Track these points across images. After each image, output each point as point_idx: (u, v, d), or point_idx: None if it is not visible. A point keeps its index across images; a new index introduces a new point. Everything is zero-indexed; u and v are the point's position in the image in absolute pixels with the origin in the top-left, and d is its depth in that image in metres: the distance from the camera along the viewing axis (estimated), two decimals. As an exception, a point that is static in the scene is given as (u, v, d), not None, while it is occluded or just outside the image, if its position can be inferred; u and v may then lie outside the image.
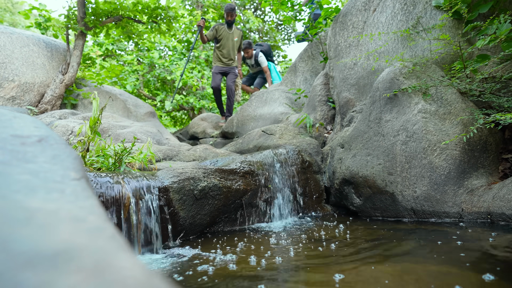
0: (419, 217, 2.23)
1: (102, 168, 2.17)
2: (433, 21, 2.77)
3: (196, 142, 6.12)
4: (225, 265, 1.42)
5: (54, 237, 0.34)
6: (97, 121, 2.15)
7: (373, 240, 1.75)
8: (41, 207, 0.41)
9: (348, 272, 1.23)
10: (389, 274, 1.17)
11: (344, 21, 3.66)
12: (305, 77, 5.35)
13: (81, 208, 0.44)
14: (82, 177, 0.57)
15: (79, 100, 5.22)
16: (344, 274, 1.20)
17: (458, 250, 1.45)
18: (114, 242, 0.38)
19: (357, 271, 1.25)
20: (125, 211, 1.71)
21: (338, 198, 2.87)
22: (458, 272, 1.16)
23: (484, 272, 1.13)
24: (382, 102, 2.56)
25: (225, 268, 1.38)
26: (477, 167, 2.21)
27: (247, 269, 1.35)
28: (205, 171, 2.22)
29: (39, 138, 0.64)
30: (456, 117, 2.28)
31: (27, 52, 4.64)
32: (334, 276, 1.19)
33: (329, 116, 3.93)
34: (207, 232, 2.22)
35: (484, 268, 1.19)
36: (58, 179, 0.51)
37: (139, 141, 3.47)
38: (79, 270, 0.30)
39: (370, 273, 1.21)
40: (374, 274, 1.20)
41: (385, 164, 2.40)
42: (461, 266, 1.22)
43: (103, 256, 0.34)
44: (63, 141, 0.69)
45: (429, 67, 2.54)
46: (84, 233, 0.37)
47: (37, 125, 0.72)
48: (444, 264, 1.26)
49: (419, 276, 1.14)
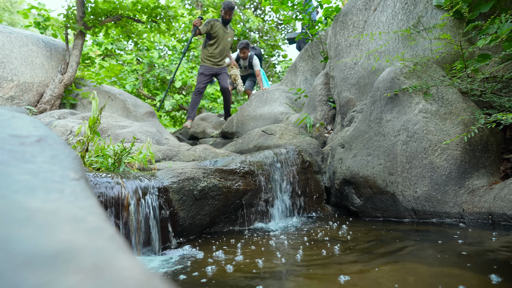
0: (420, 218, 2.23)
1: (102, 168, 2.17)
2: (434, 20, 2.77)
3: (196, 142, 6.12)
4: (224, 266, 1.42)
5: (54, 238, 0.35)
6: (96, 121, 2.15)
7: (374, 241, 1.75)
8: (40, 207, 0.41)
9: (351, 274, 1.23)
10: (392, 276, 1.17)
11: (344, 20, 3.66)
12: (306, 77, 5.35)
13: (80, 208, 0.44)
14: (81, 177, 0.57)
15: (78, 100, 5.22)
16: (347, 276, 1.20)
17: (460, 250, 1.45)
18: (113, 243, 0.38)
19: (359, 272, 1.25)
20: (124, 211, 1.71)
21: (338, 199, 2.87)
22: (461, 273, 1.16)
23: (487, 273, 1.13)
24: (383, 102, 2.56)
25: (224, 269, 1.38)
26: (478, 167, 2.21)
27: (247, 270, 1.35)
28: (205, 171, 2.22)
29: (38, 138, 0.64)
30: (457, 117, 2.28)
31: (26, 52, 4.64)
32: (339, 278, 1.19)
33: (329, 116, 3.93)
34: (207, 232, 2.22)
35: (487, 269, 1.19)
36: (57, 179, 0.51)
37: (139, 141, 3.47)
38: (79, 271, 0.30)
39: (373, 275, 1.21)
40: (377, 275, 1.20)
41: (385, 164, 2.40)
42: (463, 267, 1.23)
43: (103, 256, 0.34)
44: (62, 141, 0.69)
45: (430, 67, 2.54)
46: (84, 233, 0.37)
47: (36, 125, 0.72)
48: (447, 265, 1.26)
49: (421, 277, 1.14)
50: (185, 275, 1.32)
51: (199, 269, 1.38)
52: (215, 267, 1.41)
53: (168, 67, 9.05)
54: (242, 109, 5.48)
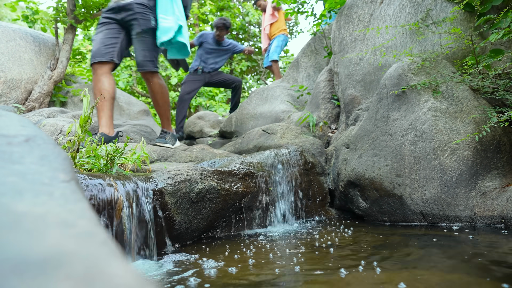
0: (429, 222, 2.23)
1: (93, 170, 2.17)
2: (443, 13, 2.77)
3: (193, 142, 6.13)
4: (222, 273, 1.42)
5: (42, 243, 0.34)
6: (88, 119, 2.15)
7: (381, 247, 1.75)
8: (28, 211, 0.41)
9: (356, 283, 1.23)
10: (400, 284, 1.17)
11: (349, 13, 3.66)
12: (308, 73, 5.35)
13: (70, 212, 0.44)
14: (72, 179, 0.57)
15: (69, 98, 5.22)
16: (352, 285, 1.20)
17: (472, 257, 1.45)
18: (105, 248, 0.38)
19: (365, 280, 1.25)
20: (117, 215, 1.71)
21: (343, 202, 2.87)
22: (472, 281, 1.16)
23: (501, 281, 1.13)
24: (390, 100, 2.56)
25: (222, 276, 1.38)
26: (490, 168, 2.21)
27: (246, 278, 1.35)
28: (202, 173, 2.22)
29: (26, 137, 0.64)
30: (468, 115, 2.28)
31: (13, 47, 4.64)
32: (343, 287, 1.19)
33: (333, 114, 3.93)
34: (204, 237, 2.22)
35: (500, 276, 1.19)
36: (47, 181, 0.51)
37: (132, 141, 3.48)
38: (69, 278, 0.30)
39: (379, 283, 1.21)
40: (384, 282, 1.20)
41: (392, 165, 2.40)
42: (475, 274, 1.22)
43: (94, 262, 0.34)
44: (51, 141, 0.69)
45: (440, 63, 2.54)
46: (74, 238, 0.37)
47: (24, 124, 0.72)
48: (457, 272, 1.26)
49: (431, 285, 1.14)
50: (181, 282, 1.32)
51: (196, 276, 1.38)
52: (213, 274, 1.41)
53: (164, 62, 9.04)
54: (241, 107, 5.48)
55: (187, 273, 1.44)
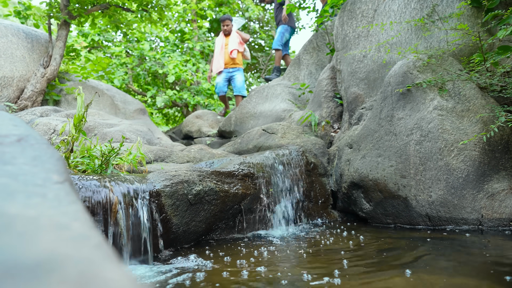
0: (435, 224, 2.23)
1: (88, 170, 2.17)
2: (450, 9, 2.77)
3: (191, 142, 6.13)
4: (220, 277, 1.42)
5: (35, 246, 0.34)
6: (82, 118, 2.15)
7: (385, 250, 1.75)
8: (20, 213, 0.41)
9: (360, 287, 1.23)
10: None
11: (352, 9, 3.66)
12: (310, 71, 5.35)
13: (64, 214, 0.44)
14: (66, 180, 0.57)
15: (62, 96, 5.22)
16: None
17: (479, 260, 1.45)
18: (100, 251, 0.38)
19: (369, 285, 1.25)
20: (112, 217, 1.71)
21: (346, 203, 2.87)
22: (480, 285, 1.16)
23: (510, 286, 1.13)
24: (394, 98, 2.56)
25: (220, 280, 1.38)
26: (498, 169, 2.21)
27: (245, 283, 1.35)
28: (200, 174, 2.22)
29: (18, 137, 0.64)
30: (475, 114, 2.28)
31: (5, 44, 4.64)
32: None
33: (336, 113, 3.93)
34: (202, 240, 2.22)
35: (509, 281, 1.19)
36: (39, 183, 0.51)
37: (128, 140, 3.48)
38: (62, 282, 0.30)
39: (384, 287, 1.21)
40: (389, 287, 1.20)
41: (397, 166, 2.40)
42: (483, 278, 1.23)
43: (88, 266, 0.34)
44: (44, 141, 0.69)
45: (446, 60, 2.54)
46: (68, 241, 0.37)
47: (16, 123, 0.72)
48: (464, 276, 1.26)
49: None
50: (178, 287, 1.32)
51: (194, 280, 1.38)
52: (211, 278, 1.41)
53: (160, 60, 9.05)
54: (241, 106, 5.48)
55: (184, 277, 1.44)
